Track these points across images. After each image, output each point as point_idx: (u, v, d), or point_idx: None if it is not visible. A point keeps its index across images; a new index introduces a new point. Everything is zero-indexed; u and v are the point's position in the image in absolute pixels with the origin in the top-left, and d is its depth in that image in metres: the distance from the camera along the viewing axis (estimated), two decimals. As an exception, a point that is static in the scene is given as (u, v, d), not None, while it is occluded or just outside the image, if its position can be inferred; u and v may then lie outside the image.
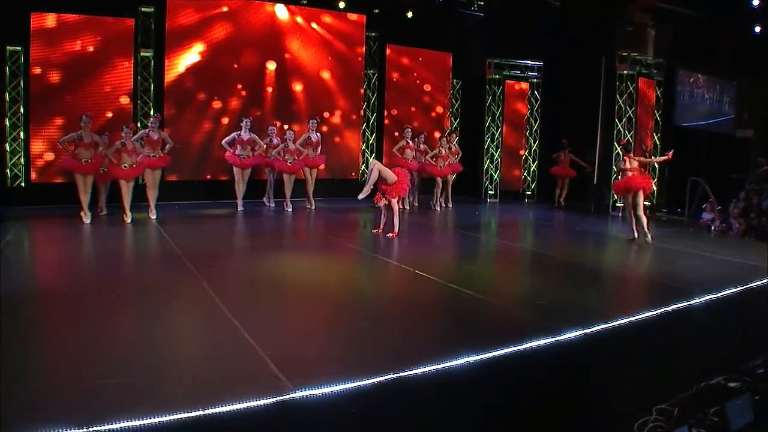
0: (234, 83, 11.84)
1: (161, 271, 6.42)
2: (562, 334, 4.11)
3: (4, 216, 8.85)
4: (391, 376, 3.47)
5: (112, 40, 10.64)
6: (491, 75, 13.54)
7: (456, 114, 14.73)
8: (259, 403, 3.15)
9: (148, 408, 2.96)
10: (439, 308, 5.19)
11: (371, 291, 5.80)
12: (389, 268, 6.51)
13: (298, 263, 6.70)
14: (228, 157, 10.44)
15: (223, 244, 7.68)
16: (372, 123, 13.54)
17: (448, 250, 8.01)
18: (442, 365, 3.59)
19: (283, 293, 5.48)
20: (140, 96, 10.98)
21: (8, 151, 10.06)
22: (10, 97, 10.03)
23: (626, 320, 4.51)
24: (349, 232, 9.03)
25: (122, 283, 5.79)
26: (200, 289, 5.34)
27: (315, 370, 3.57)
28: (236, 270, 6.32)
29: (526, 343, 3.86)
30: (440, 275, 6.00)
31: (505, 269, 7.06)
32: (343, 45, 12.92)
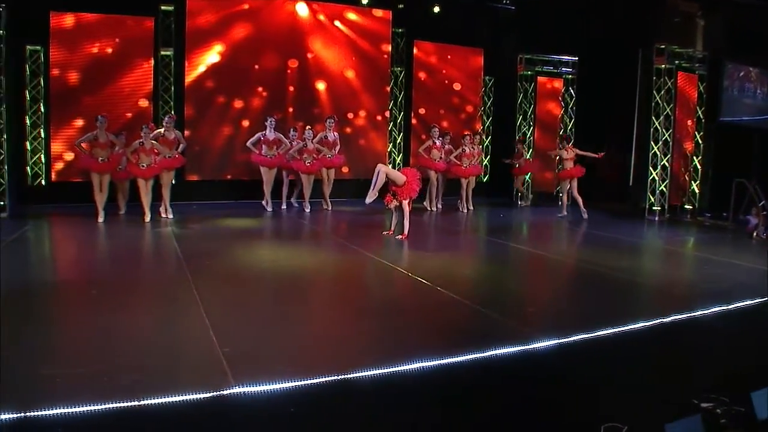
0: (255, 83, 12.06)
1: (154, 268, 6.65)
2: (535, 342, 3.99)
3: (22, 214, 9.30)
4: (339, 377, 3.46)
5: (132, 39, 11.03)
6: (523, 71, 13.32)
7: (488, 113, 14.58)
8: (194, 396, 3.21)
9: (90, 396, 3.08)
10: (416, 310, 5.13)
11: (357, 293, 5.79)
12: (384, 271, 6.48)
13: (293, 264, 6.76)
14: (254, 159, 10.62)
15: (225, 243, 7.82)
16: (399, 122, 13.55)
17: (452, 254, 7.91)
18: (395, 368, 3.56)
19: (267, 292, 5.58)
20: (161, 95, 11.33)
21: (29, 150, 10.56)
22: (30, 96, 10.52)
23: (610, 331, 4.33)
24: (359, 234, 9.04)
25: (110, 279, 5.98)
26: (185, 286, 5.47)
27: (266, 369, 3.60)
28: (229, 269, 6.42)
29: (491, 350, 3.76)
30: (430, 278, 5.95)
31: (505, 273, 6.89)
32: (367, 42, 12.98)
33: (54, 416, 2.97)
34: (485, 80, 14.33)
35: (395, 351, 3.92)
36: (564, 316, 5.00)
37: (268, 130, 10.50)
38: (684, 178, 11.45)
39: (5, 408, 2.93)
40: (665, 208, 11.17)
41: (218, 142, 11.89)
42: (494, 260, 7.47)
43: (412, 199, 8.29)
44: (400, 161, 13.59)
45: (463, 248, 8.52)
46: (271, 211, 10.57)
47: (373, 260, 6.82)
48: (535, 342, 4.00)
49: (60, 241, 8.33)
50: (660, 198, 11.10)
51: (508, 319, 4.71)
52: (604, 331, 4.28)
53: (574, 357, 3.94)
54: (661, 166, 11.03)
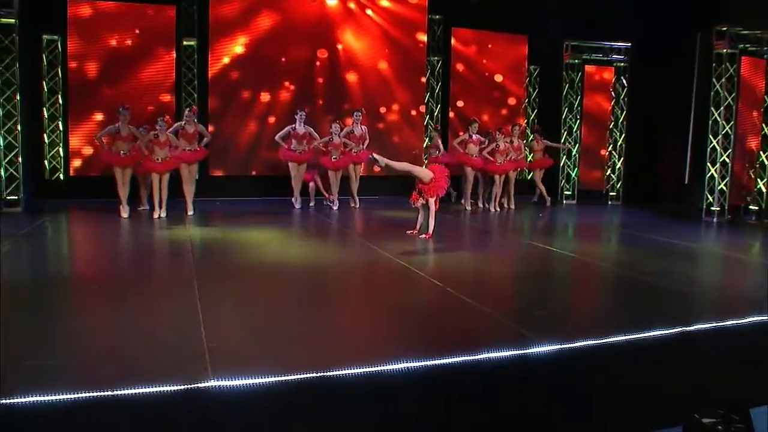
0: (282, 75, 12.21)
1: (161, 264, 6.83)
2: (531, 347, 3.92)
3: (37, 209, 9.68)
4: (319, 374, 3.47)
5: (153, 29, 11.35)
6: (569, 60, 13.07)
7: (533, 105, 14.39)
8: (168, 389, 3.29)
9: (61, 387, 3.20)
10: (418, 310, 5.11)
11: (362, 292, 5.79)
12: (395, 270, 6.45)
13: (305, 262, 6.81)
14: (282, 154, 10.73)
15: (240, 241, 7.96)
16: (436, 116, 13.52)
17: (474, 255, 7.83)
18: (379, 368, 3.55)
19: (269, 290, 5.64)
20: (183, 87, 11.61)
21: (46, 143, 10.99)
22: (48, 88, 10.96)
23: (619, 338, 4.21)
24: (382, 233, 9.05)
25: (113, 274, 6.19)
26: (188, 282, 5.59)
27: (248, 364, 3.65)
28: (237, 266, 6.54)
29: (482, 353, 3.72)
30: (441, 278, 5.94)
31: (526, 275, 6.71)
32: (402, 31, 12.98)
33: (20, 405, 3.08)
34: (529, 70, 14.17)
35: (384, 351, 3.91)
36: (576, 321, 4.89)
37: (298, 123, 10.59)
38: (748, 176, 11.02)
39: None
40: (725, 208, 10.78)
41: (244, 136, 12.11)
42: (519, 262, 7.33)
43: (440, 197, 8.26)
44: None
45: (488, 249, 8.40)
46: (298, 209, 10.69)
47: (389, 259, 6.80)
48: (532, 346, 3.93)
49: (70, 236, 8.63)
50: (719, 198, 10.71)
51: (510, 321, 4.65)
52: (616, 338, 4.17)
53: (577, 363, 3.86)
54: (720, 162, 10.65)
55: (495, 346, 3.85)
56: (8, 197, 9.46)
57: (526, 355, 3.76)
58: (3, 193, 9.41)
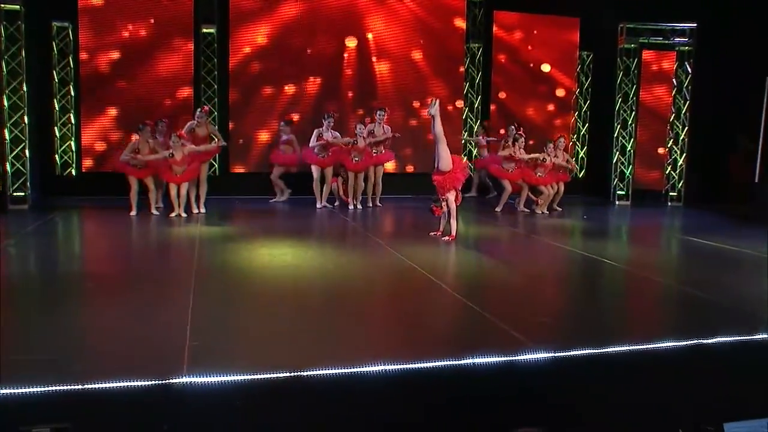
0: (307, 67, 12.44)
1: (161, 263, 7.10)
2: (519, 355, 3.98)
3: (46, 206, 10.14)
4: (292, 374, 3.60)
5: (170, 15, 11.69)
6: (624, 44, 12.88)
7: (585, 96, 14.26)
8: (140, 383, 3.48)
9: (35, 380, 3.42)
10: (413, 312, 5.23)
11: (362, 296, 5.85)
12: (404, 273, 6.52)
13: (311, 262, 6.97)
14: (305, 156, 11.04)
15: (248, 241, 8.18)
16: (477, 108, 13.55)
17: (499, 261, 7.83)
18: (354, 369, 3.67)
19: (267, 292, 5.81)
20: (203, 78, 11.94)
21: (57, 137, 11.46)
22: (58, 78, 11.42)
23: (618, 349, 4.21)
24: (401, 235, 9.17)
25: (111, 272, 6.48)
26: (185, 282, 5.81)
27: (225, 363, 3.80)
28: (240, 266, 6.76)
29: (465, 359, 3.80)
30: (448, 280, 6.08)
31: (545, 283, 6.67)
32: (437, 17, 13.06)
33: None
34: (582, 56, 14.06)
35: (367, 352, 4.04)
36: (578, 329, 4.89)
37: (325, 129, 10.81)
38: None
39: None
40: (801, 210, 10.47)
41: (266, 131, 12.39)
42: (548, 269, 7.24)
43: (458, 192, 8.28)
44: (477, 154, 13.57)
45: (520, 256, 8.25)
46: (320, 208, 10.91)
47: (402, 262, 6.87)
48: (524, 353, 3.98)
49: (75, 235, 9.01)
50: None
51: (505, 323, 4.71)
52: (616, 348, 4.20)
53: (566, 373, 3.94)
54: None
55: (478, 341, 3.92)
56: (15, 194, 9.94)
57: (515, 363, 3.84)
58: (9, 190, 9.89)
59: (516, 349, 4.01)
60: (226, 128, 12.17)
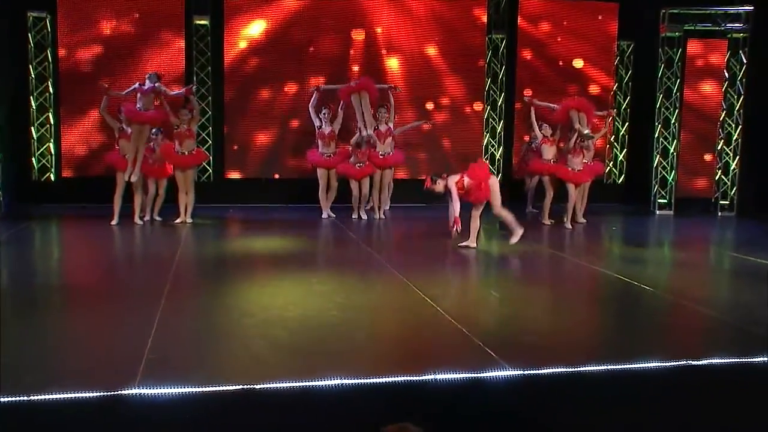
0: (310, 64, 12.85)
1: (138, 274, 7.56)
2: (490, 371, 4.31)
3: (21, 214, 10.64)
4: (247, 387, 3.96)
5: (159, 3, 12.16)
6: (666, 32, 13.01)
7: (625, 91, 14.45)
8: (86, 395, 3.85)
9: None
10: (388, 329, 5.61)
11: (336, 313, 6.09)
12: (397, 293, 6.75)
13: (295, 279, 7.21)
14: (309, 158, 11.39)
15: (235, 253, 8.59)
16: (500, 106, 13.81)
17: (496, 276, 8.10)
18: (310, 383, 4.01)
19: (238, 306, 6.16)
20: (195, 73, 12.40)
21: (34, 139, 11.94)
22: (35, 73, 11.87)
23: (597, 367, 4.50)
24: (407, 250, 9.39)
25: (86, 283, 6.98)
26: (157, 294, 6.19)
27: (180, 375, 4.18)
28: (214, 278, 7.18)
29: (426, 374, 4.14)
30: (434, 295, 6.34)
31: (549, 307, 6.81)
32: (454, 7, 13.37)
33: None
34: (621, 47, 14.23)
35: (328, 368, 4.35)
36: (567, 347, 5.15)
37: (323, 123, 11.19)
38: None
39: None
40: None
41: (265, 133, 12.85)
42: (564, 290, 7.32)
43: (481, 204, 8.58)
44: (500, 156, 13.86)
45: (542, 280, 8.23)
46: (326, 218, 11.25)
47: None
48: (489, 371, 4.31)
49: (50, 245, 9.49)
50: None
51: (481, 339, 5.01)
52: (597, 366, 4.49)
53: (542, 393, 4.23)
54: None
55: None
56: (-14, 201, 10.44)
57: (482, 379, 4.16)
58: (-21, 197, 10.39)
59: (484, 366, 4.34)
60: (221, 130, 12.68)
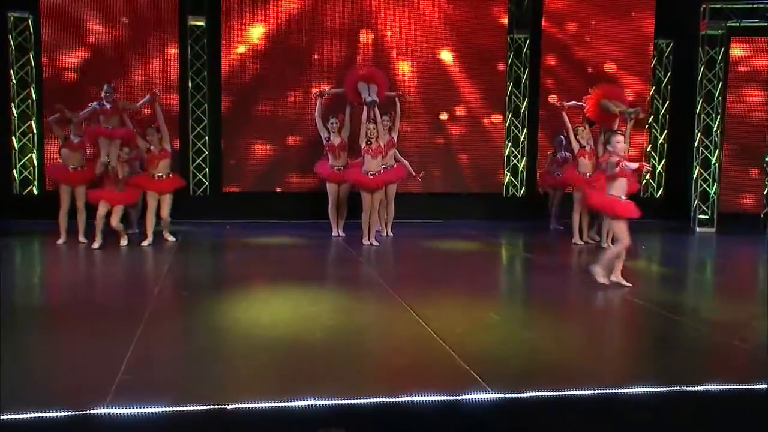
0: (315, 67, 13.36)
1: (120, 295, 8.01)
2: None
3: (1, 230, 11.13)
4: (218, 407, 4.38)
5: (151, 3, 12.72)
6: (707, 30, 13.24)
7: (664, 95, 14.70)
8: (56, 414, 4.27)
9: None
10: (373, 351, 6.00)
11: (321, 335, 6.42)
12: (394, 320, 6.97)
13: (283, 307, 7.48)
14: (318, 171, 11.69)
15: (223, 274, 9.16)
16: (523, 112, 14.18)
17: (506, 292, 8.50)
18: (284, 403, 4.41)
19: (220, 329, 6.53)
20: (191, 78, 12.89)
21: (15, 149, 12.46)
22: (17, 78, 12.42)
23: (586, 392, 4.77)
24: (408, 267, 9.75)
25: (63, 303, 7.58)
26: (139, 316, 6.62)
27: (150, 396, 4.60)
28: (202, 302, 7.48)
29: (403, 396, 4.52)
30: (425, 314, 6.70)
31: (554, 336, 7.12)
32: (471, 6, 13.83)
33: None
34: (659, 46, 14.48)
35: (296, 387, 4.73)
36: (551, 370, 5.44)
37: (331, 133, 11.49)
38: None
39: None
40: None
41: (265, 144, 13.40)
42: (573, 314, 7.61)
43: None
44: (523, 167, 14.22)
45: (545, 297, 8.53)
46: (336, 237, 11.59)
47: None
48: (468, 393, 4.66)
49: (30, 263, 9.98)
50: None
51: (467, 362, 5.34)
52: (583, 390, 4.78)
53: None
54: None
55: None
56: (-38, 217, 10.92)
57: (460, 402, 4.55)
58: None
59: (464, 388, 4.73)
60: (218, 140, 13.20)
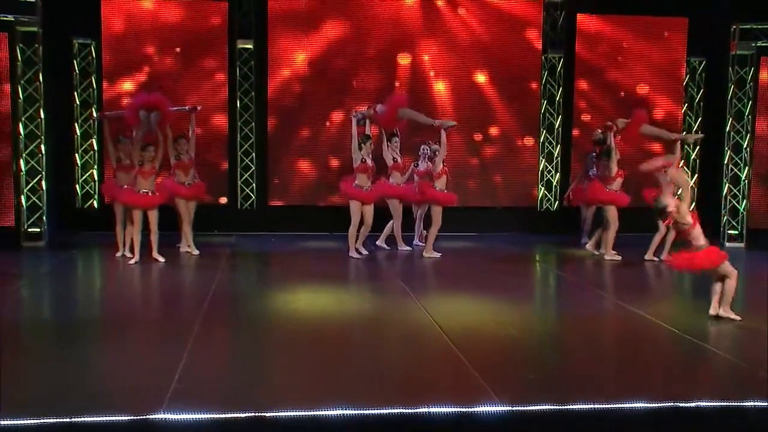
0: (355, 90, 13.89)
1: (171, 307, 8.51)
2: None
3: (65, 242, 11.74)
4: (255, 414, 4.81)
5: (201, 29, 13.28)
6: (736, 50, 13.37)
7: (697, 112, 14.82)
8: (118, 418, 4.72)
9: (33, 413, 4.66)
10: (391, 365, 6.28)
11: (364, 347, 6.86)
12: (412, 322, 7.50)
13: (324, 315, 7.94)
14: (344, 189, 11.54)
15: (268, 287, 9.55)
16: (557, 129, 14.46)
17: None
18: (318, 412, 4.78)
19: (268, 342, 6.95)
20: (239, 98, 13.42)
21: (78, 165, 13.11)
22: (80, 100, 13.10)
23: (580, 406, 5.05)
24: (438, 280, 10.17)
25: (121, 314, 7.86)
26: (189, 326, 7.02)
27: (200, 404, 5.04)
28: (250, 315, 7.95)
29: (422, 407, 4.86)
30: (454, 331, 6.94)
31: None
32: (507, 26, 14.17)
33: None
34: (692, 64, 14.62)
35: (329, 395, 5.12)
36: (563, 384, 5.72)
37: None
38: None
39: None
40: None
41: (308, 161, 13.90)
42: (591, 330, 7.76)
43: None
44: (557, 183, 14.53)
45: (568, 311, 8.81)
46: (355, 257, 11.48)
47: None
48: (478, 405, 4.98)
49: (92, 274, 10.46)
50: None
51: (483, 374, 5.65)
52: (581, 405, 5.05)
53: None
54: None
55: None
56: (30, 230, 11.60)
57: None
58: (24, 225, 11.55)
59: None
60: (264, 157, 13.73)
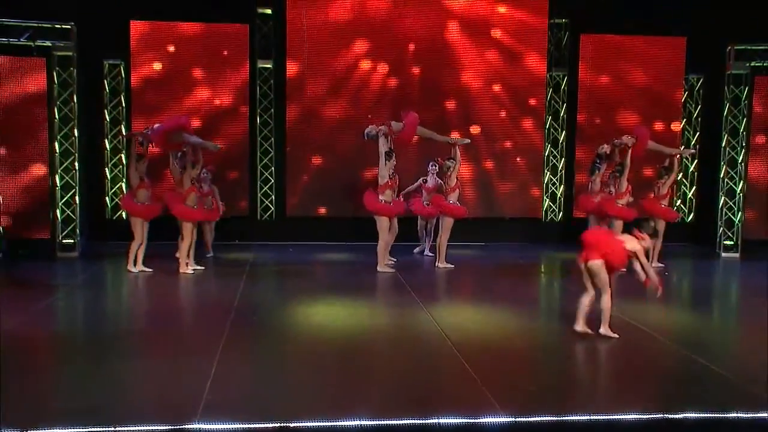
0: (373, 102, 14.45)
1: (198, 318, 9.07)
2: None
3: (96, 252, 12.38)
4: (280, 425, 5.37)
5: (224, 50, 13.92)
6: (732, 70, 13.73)
7: (695, 127, 15.26)
8: (151, 427, 5.30)
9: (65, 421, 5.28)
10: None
11: (392, 360, 7.43)
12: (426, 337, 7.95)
13: (345, 329, 8.43)
14: (371, 205, 11.52)
15: (287, 299, 9.91)
16: (561, 143, 14.97)
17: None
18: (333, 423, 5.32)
19: (293, 353, 7.46)
20: (259, 114, 14.06)
21: (108, 179, 13.79)
22: (110, 118, 13.83)
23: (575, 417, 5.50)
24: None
25: (150, 327, 8.52)
26: (217, 339, 7.50)
27: (231, 416, 5.60)
28: (273, 326, 8.45)
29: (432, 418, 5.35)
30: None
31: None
32: (514, 46, 14.71)
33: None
34: (690, 81, 15.08)
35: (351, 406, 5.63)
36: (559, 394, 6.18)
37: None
38: None
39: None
40: None
41: (327, 172, 14.46)
42: None
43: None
44: (561, 195, 15.03)
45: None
46: (383, 271, 11.67)
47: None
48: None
49: (123, 286, 10.92)
50: None
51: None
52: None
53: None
54: None
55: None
56: (64, 241, 12.27)
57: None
58: (59, 237, 12.22)
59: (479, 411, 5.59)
60: (283, 170, 14.29)
